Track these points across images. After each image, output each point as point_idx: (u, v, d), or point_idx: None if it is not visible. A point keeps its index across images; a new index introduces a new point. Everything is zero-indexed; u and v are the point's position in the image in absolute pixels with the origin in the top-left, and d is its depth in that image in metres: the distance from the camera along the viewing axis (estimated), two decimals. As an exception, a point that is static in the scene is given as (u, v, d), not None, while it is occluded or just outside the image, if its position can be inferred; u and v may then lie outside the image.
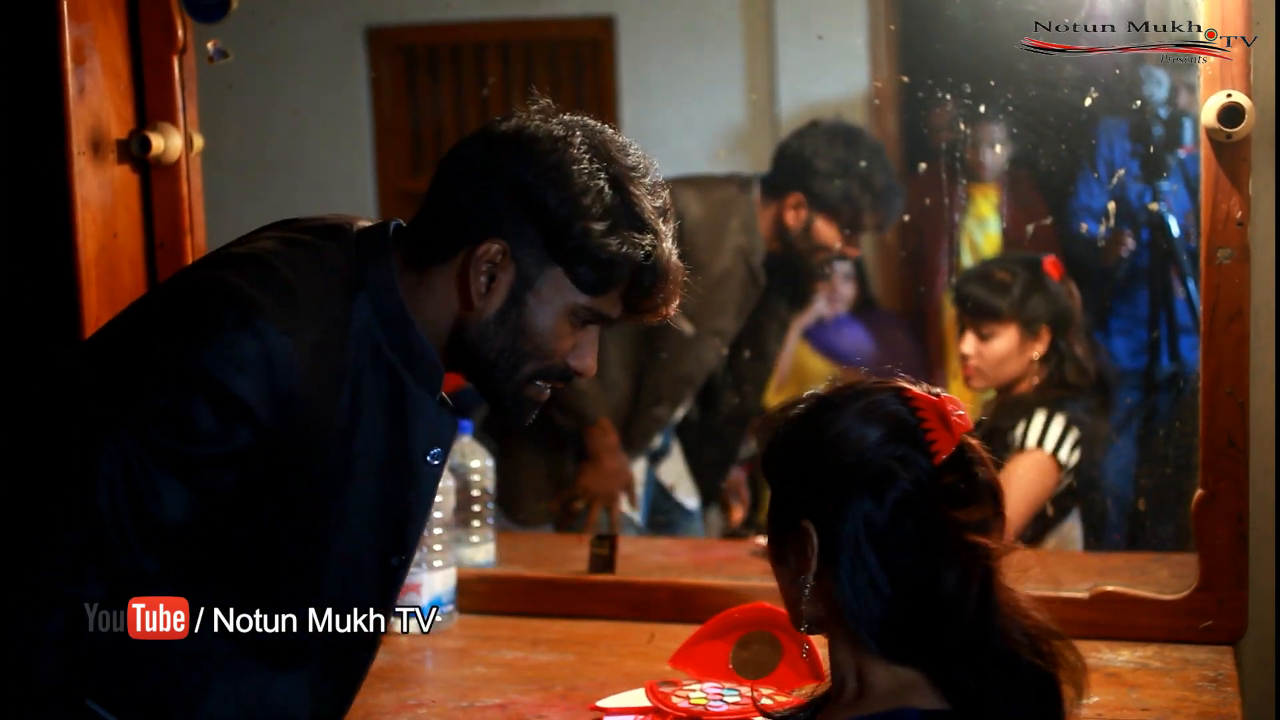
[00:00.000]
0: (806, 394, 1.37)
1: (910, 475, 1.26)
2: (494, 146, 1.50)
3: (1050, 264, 2.55)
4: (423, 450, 1.54)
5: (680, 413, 2.98)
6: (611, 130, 1.53)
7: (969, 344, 2.59)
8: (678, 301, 1.54)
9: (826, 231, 2.80)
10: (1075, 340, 2.55)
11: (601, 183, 1.46)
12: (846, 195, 2.76)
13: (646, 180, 1.51)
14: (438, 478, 1.57)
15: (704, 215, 2.80)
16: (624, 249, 1.46)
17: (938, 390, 1.32)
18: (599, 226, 1.45)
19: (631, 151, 1.51)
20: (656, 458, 3.01)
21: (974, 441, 1.31)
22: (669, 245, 1.51)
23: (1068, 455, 2.46)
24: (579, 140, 1.48)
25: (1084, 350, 2.55)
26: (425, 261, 1.51)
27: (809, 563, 1.29)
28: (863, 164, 2.77)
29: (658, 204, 1.51)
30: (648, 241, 1.47)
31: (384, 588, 1.58)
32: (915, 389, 1.31)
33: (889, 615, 1.27)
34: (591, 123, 1.52)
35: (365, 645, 1.60)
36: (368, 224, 1.56)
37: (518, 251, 1.47)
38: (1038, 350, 2.55)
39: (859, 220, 2.79)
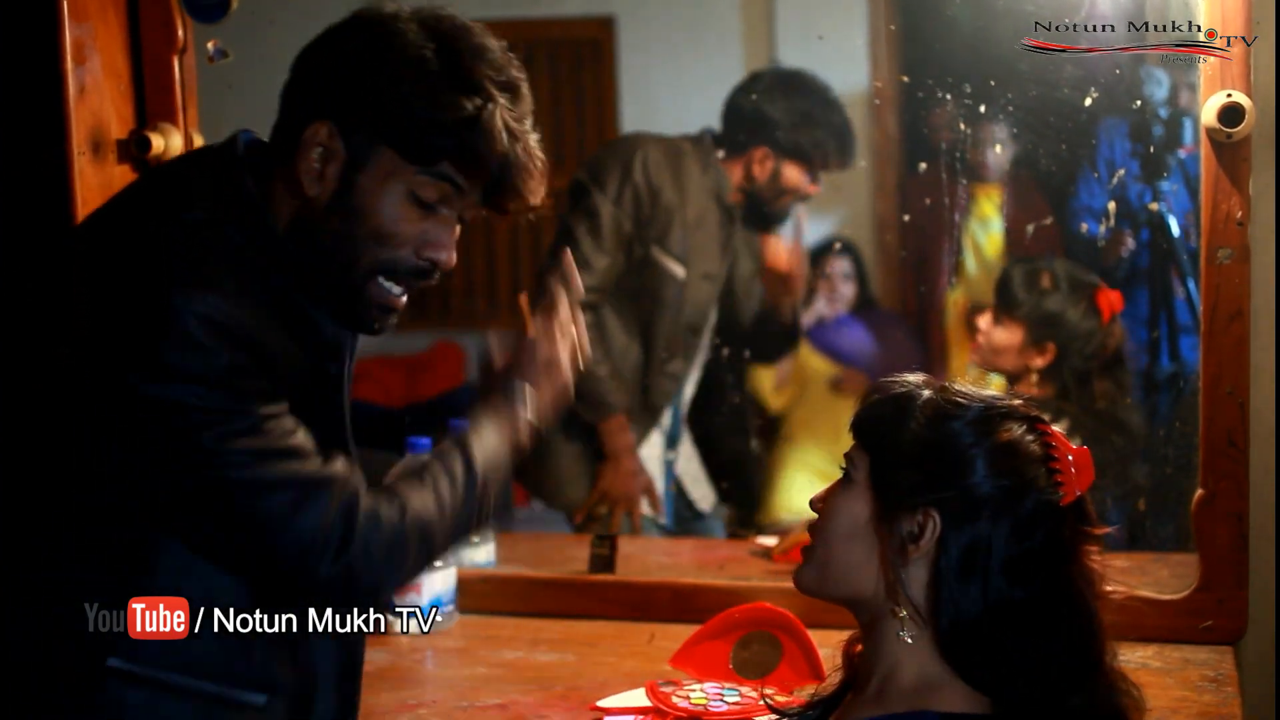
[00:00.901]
0: (924, 379, 1.39)
1: (1038, 508, 1.31)
2: (327, 35, 1.48)
3: (1103, 298, 2.54)
4: (325, 360, 1.51)
5: (693, 377, 2.97)
6: (467, 21, 1.47)
7: (984, 320, 2.60)
8: (537, 184, 1.48)
9: (794, 175, 2.86)
10: (1099, 379, 2.54)
11: (426, 52, 1.42)
12: (813, 141, 2.84)
13: (488, 55, 1.44)
14: (341, 382, 1.54)
15: (664, 156, 2.84)
16: (445, 111, 1.41)
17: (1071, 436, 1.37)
18: (418, 90, 1.41)
19: (478, 33, 1.46)
20: (672, 442, 3.01)
21: (1088, 496, 1.36)
22: (512, 118, 1.44)
23: None
24: (408, 15, 1.45)
25: (1103, 390, 2.53)
26: (272, 164, 1.48)
27: (920, 548, 1.31)
28: (816, 107, 2.85)
29: (501, 79, 1.44)
30: (473, 104, 1.41)
31: None
32: (1051, 428, 1.36)
33: (978, 626, 1.30)
34: (441, 10, 1.47)
35: None
36: (212, 158, 1.52)
37: (346, 131, 1.43)
38: (1038, 362, 2.54)
39: (825, 161, 2.86)
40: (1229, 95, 1.88)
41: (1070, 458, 1.34)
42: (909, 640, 1.33)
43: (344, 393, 1.56)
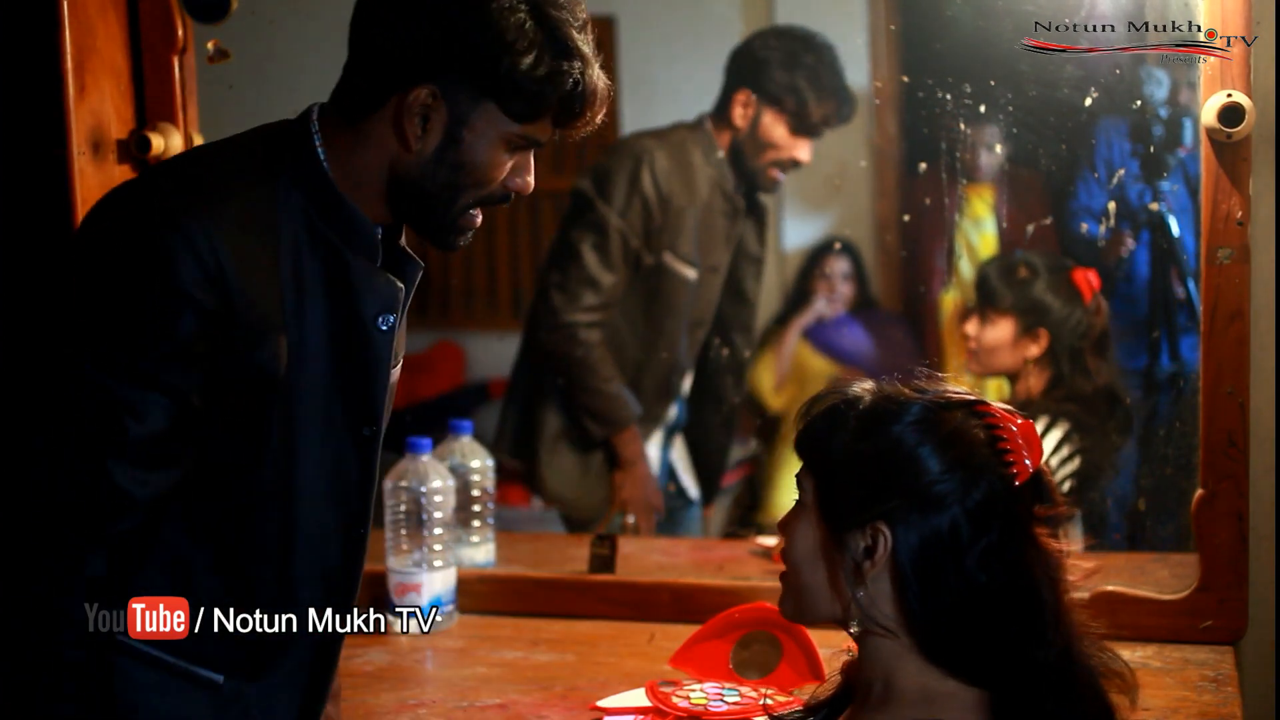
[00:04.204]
0: (861, 386, 1.37)
1: (991, 494, 1.29)
2: None
3: (1080, 278, 2.54)
4: (372, 316, 1.55)
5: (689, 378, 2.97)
6: None
7: (972, 325, 2.61)
8: (603, 114, 1.56)
9: (774, 128, 2.77)
10: (1091, 356, 2.54)
11: (523, 15, 1.48)
12: (792, 86, 2.74)
13: (566, 3, 1.51)
14: (390, 343, 1.59)
15: (670, 159, 2.79)
16: (552, 79, 1.48)
17: (1011, 408, 1.34)
18: (526, 60, 1.47)
19: None
20: (671, 433, 3.00)
21: (1045, 467, 1.34)
22: (595, 69, 1.52)
23: (1060, 463, 2.46)
24: None
25: (1097, 367, 2.54)
26: (358, 112, 1.53)
27: (876, 564, 1.30)
28: (809, 58, 2.76)
29: (576, 22, 1.51)
30: (576, 69, 1.49)
31: (362, 458, 1.61)
32: (994, 406, 1.33)
33: (953, 625, 1.28)
34: None
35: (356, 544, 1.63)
36: (282, 127, 1.59)
37: (448, 91, 1.49)
38: (1033, 350, 2.55)
39: (805, 113, 2.76)
40: (1229, 95, 1.88)
41: (1015, 429, 1.31)
42: (885, 654, 1.32)
43: (388, 353, 1.59)
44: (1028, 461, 1.30)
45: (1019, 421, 1.32)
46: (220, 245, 1.44)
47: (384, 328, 1.56)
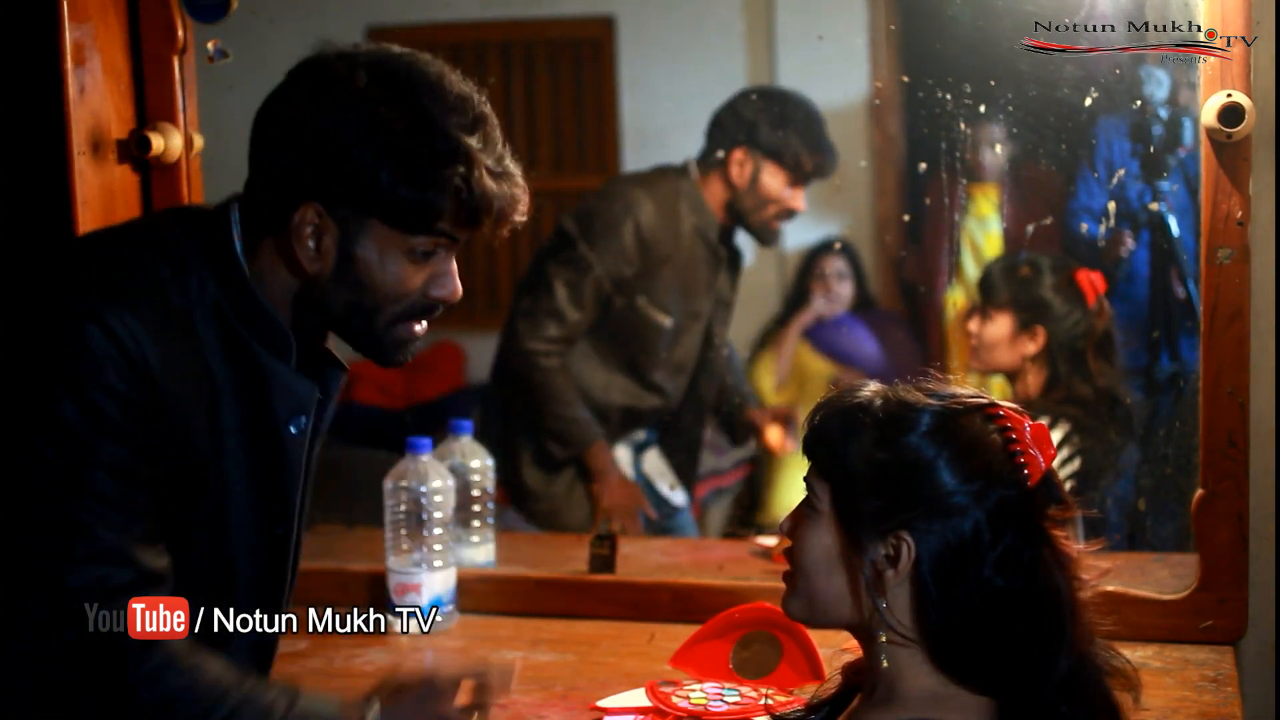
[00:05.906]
0: (870, 389, 1.36)
1: (1006, 498, 1.29)
2: (295, 99, 1.46)
3: (1084, 279, 2.55)
4: (284, 419, 1.51)
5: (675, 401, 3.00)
6: (413, 56, 1.46)
7: (974, 322, 2.64)
8: (524, 205, 1.48)
9: (772, 181, 2.87)
10: (1094, 357, 2.55)
11: (401, 125, 1.41)
12: (786, 140, 2.85)
13: (449, 96, 1.43)
14: (303, 445, 1.54)
15: (658, 208, 2.87)
16: (436, 187, 1.41)
17: (1022, 409, 1.34)
18: (402, 172, 1.41)
19: (429, 69, 1.45)
20: (641, 449, 3.02)
21: (1054, 468, 1.34)
22: (489, 160, 1.44)
23: (1060, 464, 2.46)
24: (361, 75, 1.42)
25: (1099, 368, 2.55)
26: (259, 234, 1.49)
27: (899, 573, 1.30)
28: (799, 115, 2.89)
29: (468, 120, 1.44)
30: (459, 173, 1.41)
31: (274, 557, 1.57)
32: (1005, 408, 1.33)
33: (969, 631, 1.29)
34: (387, 53, 1.46)
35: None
36: (206, 222, 1.54)
37: (334, 209, 1.43)
38: (1030, 348, 2.56)
39: (800, 165, 2.87)
40: (1229, 95, 1.88)
41: (1028, 428, 1.31)
42: (885, 664, 1.32)
43: (301, 456, 1.54)
44: (1040, 460, 1.31)
45: (1030, 423, 1.33)
46: (143, 337, 1.40)
47: (294, 431, 1.52)
